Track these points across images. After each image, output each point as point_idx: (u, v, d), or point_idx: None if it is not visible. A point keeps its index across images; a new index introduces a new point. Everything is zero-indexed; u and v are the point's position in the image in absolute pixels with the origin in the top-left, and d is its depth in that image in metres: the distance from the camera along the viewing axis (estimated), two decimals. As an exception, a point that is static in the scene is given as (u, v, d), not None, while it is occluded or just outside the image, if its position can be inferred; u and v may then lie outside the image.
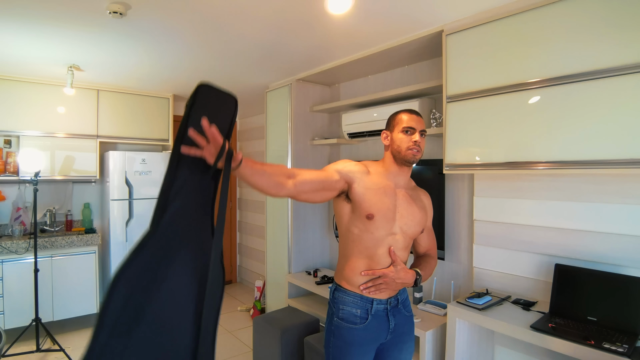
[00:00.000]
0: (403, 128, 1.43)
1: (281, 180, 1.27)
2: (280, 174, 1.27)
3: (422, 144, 1.45)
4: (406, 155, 1.42)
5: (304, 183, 1.32)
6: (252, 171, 1.17)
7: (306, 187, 1.33)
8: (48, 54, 2.72)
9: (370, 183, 1.44)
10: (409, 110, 1.49)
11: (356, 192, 1.42)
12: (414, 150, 1.42)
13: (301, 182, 1.32)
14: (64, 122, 3.52)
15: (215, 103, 1.09)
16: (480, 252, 2.23)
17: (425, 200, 1.58)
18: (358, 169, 1.45)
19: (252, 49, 2.62)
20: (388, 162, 1.49)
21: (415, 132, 1.43)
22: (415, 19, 2.09)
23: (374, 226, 1.41)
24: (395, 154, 1.46)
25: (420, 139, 1.43)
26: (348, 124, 2.96)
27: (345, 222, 1.48)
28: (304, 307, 2.98)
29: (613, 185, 1.75)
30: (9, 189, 3.54)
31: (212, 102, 1.07)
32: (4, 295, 3.12)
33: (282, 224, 3.34)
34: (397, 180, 1.49)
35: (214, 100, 1.08)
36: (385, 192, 1.44)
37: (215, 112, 1.07)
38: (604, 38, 1.55)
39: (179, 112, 4.56)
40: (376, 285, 1.43)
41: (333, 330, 1.48)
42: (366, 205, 1.41)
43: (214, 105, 1.08)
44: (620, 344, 1.44)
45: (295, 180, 1.31)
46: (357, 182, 1.42)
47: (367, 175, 1.45)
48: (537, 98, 1.75)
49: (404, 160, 1.44)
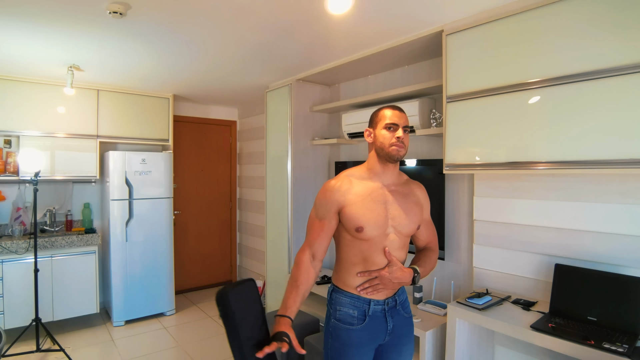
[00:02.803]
0: (386, 124, 1.40)
1: (312, 276, 1.43)
2: (308, 275, 1.42)
3: (406, 140, 1.41)
4: (390, 152, 1.39)
5: (323, 252, 1.46)
6: (298, 308, 1.38)
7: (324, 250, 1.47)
8: (48, 54, 2.72)
9: (354, 197, 1.41)
10: (391, 105, 1.45)
11: (343, 213, 1.41)
12: (397, 146, 1.38)
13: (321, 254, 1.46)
14: (64, 122, 3.52)
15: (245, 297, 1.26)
16: (480, 252, 2.23)
17: (419, 194, 1.54)
18: (340, 189, 1.42)
19: (252, 49, 2.62)
20: (372, 162, 1.47)
21: (399, 128, 1.40)
22: (415, 19, 2.09)
23: (365, 235, 1.40)
24: (379, 151, 1.43)
25: (404, 135, 1.40)
26: (348, 124, 2.96)
27: (337, 230, 1.47)
28: (304, 307, 2.98)
29: (613, 185, 1.75)
30: (9, 189, 3.54)
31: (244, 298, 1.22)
32: (4, 295, 3.12)
33: (282, 224, 3.34)
34: (383, 179, 1.46)
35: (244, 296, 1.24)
36: (372, 198, 1.42)
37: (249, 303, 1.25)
38: (604, 38, 1.55)
39: (179, 112, 4.57)
40: (373, 286, 1.42)
41: (330, 331, 1.47)
42: (354, 220, 1.39)
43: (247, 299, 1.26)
44: (620, 344, 1.44)
45: (317, 258, 1.46)
46: (343, 206, 1.41)
47: (350, 189, 1.42)
48: (537, 98, 1.75)
49: (387, 157, 1.41)
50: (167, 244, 3.92)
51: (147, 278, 3.78)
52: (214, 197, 4.95)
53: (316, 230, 1.44)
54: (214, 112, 4.92)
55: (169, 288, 3.95)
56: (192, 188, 4.76)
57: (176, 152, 4.49)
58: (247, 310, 1.18)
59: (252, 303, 1.25)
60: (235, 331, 1.12)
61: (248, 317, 1.17)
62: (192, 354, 3.15)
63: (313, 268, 1.43)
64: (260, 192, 4.59)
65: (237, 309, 1.14)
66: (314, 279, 1.43)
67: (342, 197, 1.41)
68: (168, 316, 3.94)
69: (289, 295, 1.37)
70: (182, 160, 4.63)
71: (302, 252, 1.44)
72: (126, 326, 3.65)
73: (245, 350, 1.12)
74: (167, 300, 3.94)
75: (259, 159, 4.59)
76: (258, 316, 1.26)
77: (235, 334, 1.12)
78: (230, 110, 5.05)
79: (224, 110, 5.00)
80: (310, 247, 1.44)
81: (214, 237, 4.95)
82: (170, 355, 3.12)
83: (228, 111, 5.04)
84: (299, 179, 3.25)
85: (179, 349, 3.23)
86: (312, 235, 1.45)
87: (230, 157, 5.08)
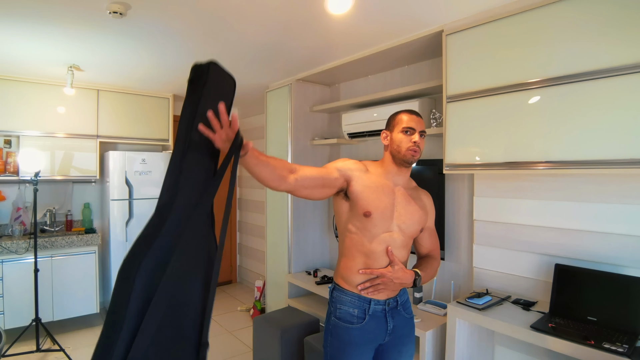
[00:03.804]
0: (403, 128, 1.44)
1: (283, 173, 1.29)
2: (283, 167, 1.29)
3: (422, 144, 1.46)
4: (405, 155, 1.43)
5: (304, 179, 1.34)
6: (257, 161, 1.19)
7: (307, 183, 1.35)
8: (48, 54, 2.72)
9: (368, 181, 1.45)
10: (409, 110, 1.49)
11: (354, 190, 1.43)
12: (413, 150, 1.43)
13: (302, 177, 1.33)
14: (64, 122, 3.52)
15: (223, 84, 1.10)
16: (480, 252, 2.23)
17: (425, 200, 1.58)
18: (357, 167, 1.47)
19: (252, 49, 2.62)
20: (387, 162, 1.51)
21: (415, 132, 1.44)
22: (415, 19, 2.09)
23: (371, 224, 1.42)
24: (395, 154, 1.46)
25: (420, 139, 1.44)
26: (348, 124, 2.96)
27: (343, 220, 1.49)
28: (304, 307, 2.98)
29: (613, 185, 1.75)
30: (9, 189, 3.54)
31: (221, 84, 1.09)
32: (4, 295, 3.12)
33: (282, 224, 3.34)
34: (395, 180, 1.50)
35: (222, 81, 1.10)
36: (383, 190, 1.45)
37: (223, 94, 1.09)
38: (604, 38, 1.55)
39: (179, 112, 4.55)
40: (374, 286, 1.42)
41: (331, 329, 1.48)
42: (363, 203, 1.42)
43: (222, 87, 1.10)
44: (620, 344, 1.44)
45: (297, 175, 1.33)
46: (356, 180, 1.44)
47: (366, 173, 1.47)
48: (537, 98, 1.75)
49: (402, 161, 1.45)
50: (167, 244, 3.91)
51: (147, 278, 3.78)
52: (214, 197, 4.94)
53: (316, 167, 1.41)
54: (214, 112, 4.91)
55: (169, 288, 3.94)
56: (192, 188, 4.75)
57: (176, 152, 4.48)
58: (216, 91, 1.07)
59: (224, 93, 1.11)
60: (197, 100, 1.02)
61: (213, 97, 1.05)
62: (192, 354, 3.14)
63: (287, 174, 1.30)
64: (260, 192, 4.59)
65: (211, 82, 1.04)
66: (281, 171, 1.28)
67: (356, 173, 1.44)
68: (168, 316, 3.93)
69: None
70: (182, 160, 4.62)
71: None
72: (126, 326, 3.65)
73: (195, 124, 1.01)
74: (167, 300, 3.93)
75: (259, 159, 4.58)
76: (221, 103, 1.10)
77: (195, 102, 1.02)
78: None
79: (224, 110, 4.99)
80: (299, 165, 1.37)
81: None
82: (170, 355, 3.11)
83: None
84: (299, 179, 3.24)
85: (179, 349, 3.22)
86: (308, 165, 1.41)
87: (230, 157, 5.08)
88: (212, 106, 1.03)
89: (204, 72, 1.04)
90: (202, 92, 1.02)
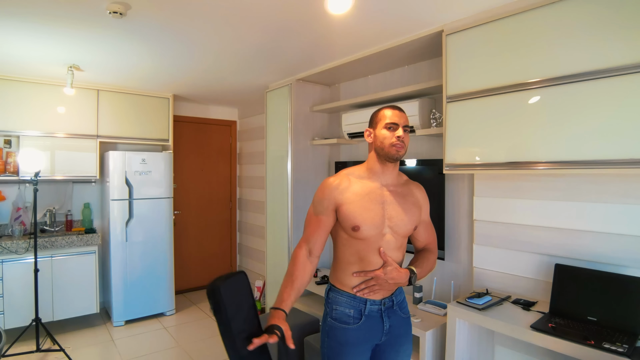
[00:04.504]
0: (386, 124, 1.41)
1: (308, 271, 1.41)
2: (304, 270, 1.40)
3: (406, 139, 1.42)
4: (389, 151, 1.40)
5: (320, 249, 1.45)
6: (293, 302, 1.37)
7: (321, 247, 1.46)
8: (48, 54, 2.72)
9: (352, 195, 1.42)
10: (391, 105, 1.46)
11: (340, 211, 1.42)
12: (397, 146, 1.39)
13: (318, 249, 1.45)
14: (64, 122, 3.52)
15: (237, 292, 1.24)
16: (480, 252, 2.23)
17: (418, 195, 1.54)
18: (337, 185, 1.44)
19: (252, 49, 2.62)
20: (372, 162, 1.47)
21: (399, 127, 1.40)
22: (415, 19, 2.09)
23: (362, 234, 1.40)
24: (379, 151, 1.43)
25: (404, 134, 1.41)
26: (348, 124, 2.96)
27: (334, 228, 1.48)
28: (304, 307, 2.98)
29: (613, 185, 1.75)
30: (9, 189, 3.53)
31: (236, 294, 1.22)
32: (4, 295, 3.12)
33: (282, 224, 3.34)
34: (382, 179, 1.47)
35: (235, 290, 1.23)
36: (370, 198, 1.42)
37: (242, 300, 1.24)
38: (604, 38, 1.55)
39: (178, 112, 4.57)
40: (369, 287, 1.42)
41: (327, 330, 1.47)
42: (350, 219, 1.40)
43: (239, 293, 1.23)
44: (620, 344, 1.44)
45: (314, 254, 1.44)
46: (340, 202, 1.42)
47: (348, 187, 1.43)
48: (537, 98, 1.75)
49: (387, 157, 1.42)
50: (167, 244, 3.92)
51: (147, 278, 3.78)
52: (214, 197, 4.95)
53: (313, 226, 1.44)
54: (214, 112, 4.92)
55: (169, 288, 3.95)
56: (192, 188, 4.76)
57: (176, 152, 4.49)
58: (238, 303, 1.17)
59: (244, 296, 1.23)
60: (228, 324, 1.12)
61: (240, 310, 1.17)
62: (192, 354, 3.15)
63: (310, 263, 1.42)
64: (260, 192, 4.59)
65: (228, 302, 1.13)
66: (310, 275, 1.41)
67: (340, 195, 1.42)
68: (168, 316, 3.94)
69: (284, 289, 1.36)
70: (182, 160, 4.63)
71: (299, 247, 1.44)
72: (126, 326, 3.65)
73: (238, 344, 1.12)
74: (167, 300, 3.94)
75: (259, 159, 4.59)
76: (250, 309, 1.25)
77: (228, 327, 1.12)
78: (230, 110, 5.05)
79: (223, 110, 5.00)
80: (307, 243, 1.44)
81: (214, 237, 4.95)
82: (170, 355, 3.12)
83: (228, 111, 5.04)
84: (299, 179, 3.25)
85: (179, 349, 3.23)
86: (309, 231, 1.45)
87: (230, 157, 5.08)
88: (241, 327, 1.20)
89: (218, 300, 1.16)
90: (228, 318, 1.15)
